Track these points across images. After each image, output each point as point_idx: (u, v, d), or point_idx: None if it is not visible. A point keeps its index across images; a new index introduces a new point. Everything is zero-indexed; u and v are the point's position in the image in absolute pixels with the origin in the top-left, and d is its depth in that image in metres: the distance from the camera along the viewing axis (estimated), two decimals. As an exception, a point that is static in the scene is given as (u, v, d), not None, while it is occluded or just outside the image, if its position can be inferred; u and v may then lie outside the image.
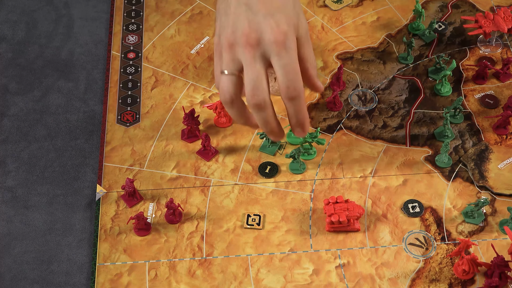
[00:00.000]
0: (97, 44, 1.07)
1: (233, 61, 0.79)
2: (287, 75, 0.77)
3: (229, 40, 0.78)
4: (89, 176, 0.92)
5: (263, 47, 0.77)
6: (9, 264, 0.84)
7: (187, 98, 0.99)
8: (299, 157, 0.90)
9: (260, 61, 0.77)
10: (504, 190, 0.89)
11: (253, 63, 0.77)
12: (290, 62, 0.77)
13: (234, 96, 0.79)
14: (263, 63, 0.77)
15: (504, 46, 1.05)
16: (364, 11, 1.10)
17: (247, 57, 0.77)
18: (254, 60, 0.77)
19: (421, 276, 0.82)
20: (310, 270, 0.83)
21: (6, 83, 1.02)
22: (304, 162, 0.92)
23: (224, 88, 0.79)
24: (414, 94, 0.99)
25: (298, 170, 0.90)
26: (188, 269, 0.83)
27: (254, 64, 0.77)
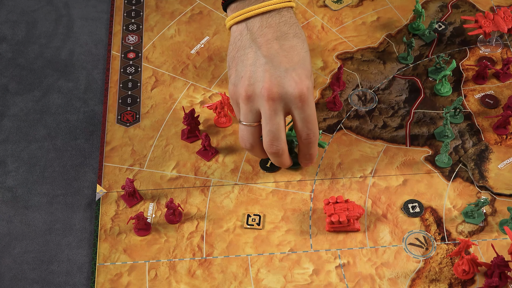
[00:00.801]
0: (97, 44, 1.07)
1: (251, 112, 0.81)
2: (307, 125, 0.81)
3: (247, 92, 0.79)
4: (89, 176, 0.92)
5: (285, 100, 0.79)
6: (9, 264, 0.84)
7: (187, 98, 0.99)
8: None
9: (281, 114, 0.80)
10: (504, 190, 0.89)
11: (273, 116, 0.79)
12: (311, 113, 0.81)
13: (253, 143, 0.83)
14: (283, 115, 0.81)
15: (504, 46, 1.05)
16: (364, 11, 1.10)
17: (267, 110, 0.79)
18: (274, 113, 0.79)
19: (421, 276, 0.82)
20: (310, 270, 0.83)
21: (6, 83, 1.02)
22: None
23: (244, 137, 0.83)
24: (414, 94, 0.99)
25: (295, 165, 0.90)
26: (188, 269, 0.83)
27: (274, 117, 0.80)
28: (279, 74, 0.79)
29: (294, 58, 0.80)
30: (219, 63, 1.03)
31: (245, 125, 0.82)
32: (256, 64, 0.80)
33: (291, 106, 0.80)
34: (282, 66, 0.79)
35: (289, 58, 0.80)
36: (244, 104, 0.81)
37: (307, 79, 0.80)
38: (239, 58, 0.82)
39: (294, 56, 0.80)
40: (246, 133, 0.83)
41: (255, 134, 0.83)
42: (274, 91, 0.78)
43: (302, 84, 0.79)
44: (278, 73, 0.79)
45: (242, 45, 0.82)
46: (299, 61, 0.80)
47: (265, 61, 0.79)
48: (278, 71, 0.79)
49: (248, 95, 0.80)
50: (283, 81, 0.79)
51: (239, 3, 0.83)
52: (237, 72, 0.82)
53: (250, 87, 0.79)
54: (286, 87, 0.79)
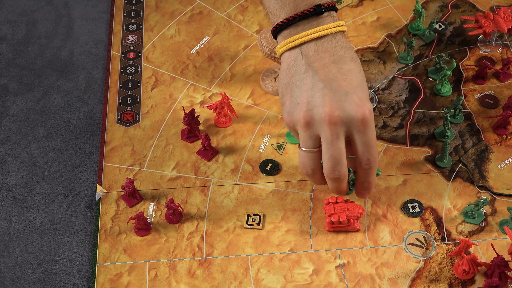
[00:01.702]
0: (97, 44, 1.07)
1: (311, 139, 0.79)
2: (368, 150, 0.79)
3: (306, 118, 0.77)
4: (89, 176, 0.92)
5: (346, 124, 0.77)
6: (9, 264, 0.84)
7: (187, 98, 0.99)
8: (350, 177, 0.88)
9: (342, 138, 0.78)
10: (504, 190, 0.89)
11: (335, 140, 0.77)
12: (373, 137, 0.78)
13: (315, 169, 0.81)
14: (343, 139, 0.78)
15: (504, 46, 1.05)
16: (364, 11, 1.10)
17: (328, 135, 0.77)
18: (336, 138, 0.77)
19: (421, 276, 0.82)
20: (310, 270, 0.83)
21: (6, 83, 1.02)
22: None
23: (305, 164, 0.80)
24: (414, 94, 0.99)
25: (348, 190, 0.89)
26: (188, 269, 0.83)
27: (336, 141, 0.77)
28: (340, 98, 0.76)
29: (353, 81, 0.78)
30: (219, 63, 1.03)
31: (305, 151, 0.80)
32: (314, 89, 0.77)
33: (353, 130, 0.77)
34: (342, 89, 0.77)
35: (348, 82, 0.77)
36: (303, 131, 0.78)
37: (368, 102, 0.78)
38: (294, 84, 0.79)
39: (353, 80, 0.78)
40: (307, 160, 0.80)
41: (316, 160, 0.80)
42: (336, 115, 0.76)
43: (364, 106, 0.77)
44: (338, 96, 0.76)
45: (297, 70, 0.79)
46: (359, 84, 0.78)
47: (324, 85, 0.77)
48: (338, 94, 0.77)
49: (307, 121, 0.77)
50: (344, 104, 0.76)
51: (292, 29, 0.80)
52: (292, 99, 0.79)
53: (309, 113, 0.77)
54: (348, 111, 0.76)
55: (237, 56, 1.04)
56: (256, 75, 1.01)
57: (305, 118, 0.77)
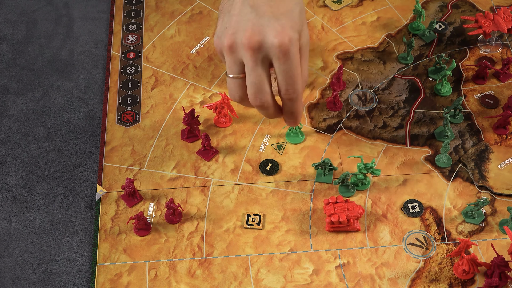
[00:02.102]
0: (97, 44, 1.07)
1: (236, 64, 0.78)
2: (287, 80, 0.77)
3: (230, 42, 0.77)
4: (89, 176, 0.92)
5: (266, 50, 0.76)
6: (9, 264, 0.85)
7: (187, 98, 0.99)
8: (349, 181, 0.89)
9: (262, 65, 0.77)
10: (504, 190, 0.89)
11: (255, 67, 0.76)
12: (292, 67, 0.76)
13: (242, 95, 0.79)
14: (266, 65, 0.77)
15: (504, 46, 1.05)
16: (364, 11, 1.10)
17: (248, 60, 0.76)
18: (256, 64, 0.76)
19: (421, 276, 0.82)
20: (310, 270, 0.83)
21: (6, 83, 1.02)
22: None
23: (232, 90, 0.80)
24: (414, 94, 0.99)
25: (349, 192, 0.89)
26: (188, 269, 0.83)
27: (256, 68, 0.76)
28: (262, 23, 0.76)
29: (280, 8, 0.76)
30: (219, 63, 1.03)
31: (231, 78, 0.79)
32: (241, 13, 0.77)
33: (272, 57, 0.76)
34: (266, 15, 0.76)
35: (275, 8, 0.77)
36: (228, 55, 0.78)
37: (291, 30, 0.75)
38: (226, 9, 0.80)
39: (280, 7, 0.77)
40: (233, 86, 0.80)
41: (243, 86, 0.79)
42: (255, 39, 0.75)
43: (284, 33, 0.75)
44: (261, 22, 0.76)
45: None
46: (286, 12, 0.77)
47: (250, 11, 0.77)
48: (262, 20, 0.76)
49: (230, 45, 0.77)
50: (265, 29, 0.75)
51: None
52: (223, 23, 0.79)
53: (232, 37, 0.77)
54: (267, 36, 0.75)
55: (237, 56, 1.04)
56: (256, 75, 1.01)
57: (228, 41, 0.77)
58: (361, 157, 0.88)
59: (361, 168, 0.88)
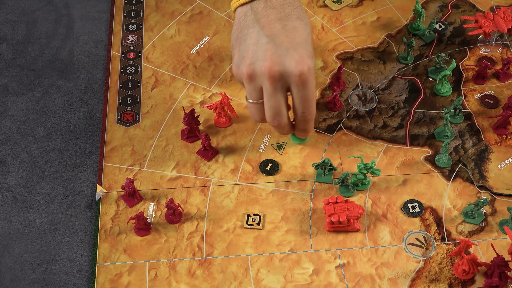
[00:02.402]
0: (97, 44, 1.07)
1: (256, 91, 0.84)
2: (304, 104, 0.84)
3: (249, 72, 0.82)
4: (89, 176, 0.92)
5: (285, 78, 0.81)
6: (9, 264, 0.84)
7: (187, 98, 0.99)
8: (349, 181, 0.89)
9: (281, 91, 0.83)
10: (504, 190, 0.89)
11: (274, 93, 0.82)
12: (309, 93, 0.83)
13: (262, 117, 0.87)
14: (284, 91, 0.83)
15: (504, 46, 1.05)
16: (364, 11, 1.10)
17: (268, 88, 0.82)
18: (275, 91, 0.82)
19: (421, 276, 0.82)
20: (310, 270, 0.83)
21: (6, 83, 1.02)
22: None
23: (253, 113, 0.87)
24: (414, 94, 0.99)
25: (349, 192, 0.89)
26: (188, 269, 0.83)
27: (275, 94, 0.82)
28: (281, 53, 0.81)
29: (296, 38, 0.82)
30: (219, 63, 1.03)
31: (251, 103, 0.85)
32: (258, 43, 0.82)
33: (291, 84, 0.82)
34: (284, 45, 0.81)
35: (291, 38, 0.82)
36: (247, 83, 0.83)
37: (308, 59, 0.81)
38: (242, 38, 0.84)
39: (296, 37, 0.82)
40: (254, 110, 0.86)
41: (262, 110, 0.85)
42: (275, 69, 0.80)
43: (303, 63, 0.80)
44: (280, 52, 0.81)
45: (245, 25, 0.84)
46: (301, 42, 0.82)
47: (267, 41, 0.81)
48: (280, 50, 0.81)
49: (249, 74, 0.82)
50: (284, 59, 0.80)
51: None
52: (240, 52, 0.84)
53: (252, 66, 0.82)
54: (287, 66, 0.80)
55: (237, 56, 1.04)
56: (256, 75, 1.01)
57: (247, 71, 0.82)
58: (361, 157, 0.88)
59: (361, 168, 0.88)
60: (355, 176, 0.89)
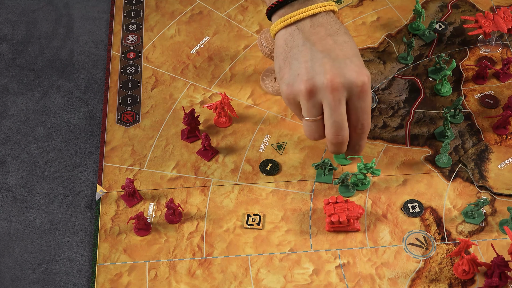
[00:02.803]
0: (97, 44, 1.07)
1: (315, 107, 0.81)
2: (363, 115, 0.82)
3: (309, 87, 0.80)
4: (89, 176, 0.92)
5: (347, 90, 0.80)
6: (9, 264, 0.84)
7: (187, 98, 0.99)
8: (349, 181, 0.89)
9: (344, 104, 0.81)
10: (504, 190, 0.89)
11: (337, 106, 0.80)
12: (368, 104, 0.82)
13: (322, 135, 0.84)
14: (344, 104, 0.81)
15: (504, 46, 1.05)
16: (364, 11, 1.10)
17: (331, 101, 0.80)
18: (339, 104, 0.80)
19: (421, 276, 0.82)
20: (310, 270, 0.83)
21: (6, 83, 1.02)
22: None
23: (312, 132, 0.84)
24: (414, 94, 0.99)
25: (349, 192, 0.89)
26: (188, 269, 0.83)
27: (338, 107, 0.80)
28: (339, 65, 0.80)
29: (349, 51, 0.82)
30: (219, 63, 1.03)
31: (310, 121, 0.83)
32: (313, 59, 0.81)
33: (353, 96, 0.81)
34: (340, 58, 0.81)
35: (344, 51, 0.82)
36: (306, 100, 0.81)
37: (365, 69, 0.81)
38: (292, 57, 0.83)
39: (348, 50, 0.82)
40: (313, 128, 0.83)
41: (321, 126, 0.83)
42: (337, 81, 0.79)
43: (363, 73, 0.80)
44: (338, 64, 0.80)
45: (295, 44, 0.83)
46: (354, 54, 0.82)
47: (323, 56, 0.81)
48: (337, 62, 0.81)
49: (309, 89, 0.80)
50: (345, 71, 0.80)
51: (287, 9, 0.85)
52: (291, 71, 0.82)
53: (310, 81, 0.80)
54: (348, 76, 0.80)
55: (237, 56, 1.04)
56: (256, 75, 1.01)
57: (306, 87, 0.80)
58: (361, 157, 0.88)
59: (361, 168, 0.88)
60: (355, 176, 0.89)
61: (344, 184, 0.89)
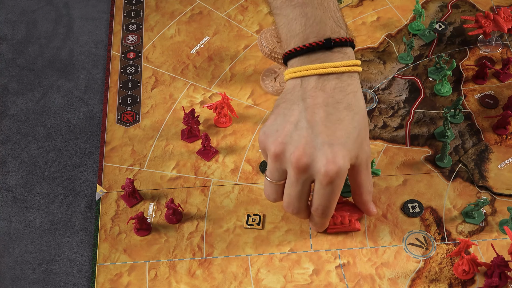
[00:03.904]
0: (97, 44, 1.07)
1: (278, 171, 0.78)
2: (322, 201, 0.78)
3: (278, 151, 0.76)
4: (89, 176, 0.92)
5: (311, 172, 0.75)
6: (9, 264, 0.84)
7: (187, 98, 0.99)
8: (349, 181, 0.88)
9: (303, 183, 0.77)
10: (504, 190, 0.89)
11: (295, 183, 0.77)
12: (331, 194, 0.77)
13: (277, 199, 0.81)
14: (308, 184, 0.77)
15: (504, 46, 1.05)
16: (364, 11, 1.10)
17: (292, 176, 0.76)
18: (297, 182, 0.76)
19: (421, 276, 0.82)
20: (310, 270, 0.83)
21: (6, 83, 1.02)
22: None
23: (267, 192, 0.81)
24: (414, 94, 0.99)
25: (349, 192, 0.88)
26: (188, 269, 0.83)
27: (297, 184, 0.77)
28: (315, 145, 0.74)
29: (336, 132, 0.74)
30: (219, 63, 1.03)
31: (270, 182, 0.79)
32: (297, 125, 0.75)
33: (316, 179, 0.76)
34: (321, 138, 0.74)
35: (331, 131, 0.74)
36: (272, 162, 0.77)
37: (342, 159, 0.74)
38: (283, 109, 0.77)
39: (337, 130, 0.74)
40: (270, 189, 0.80)
41: (279, 191, 0.80)
42: (303, 161, 0.74)
43: (334, 164, 0.73)
44: (314, 143, 0.74)
45: (291, 98, 0.77)
46: (341, 137, 0.74)
47: (307, 126, 0.75)
48: (315, 140, 0.74)
49: (277, 153, 0.76)
50: (316, 153, 0.74)
51: (300, 58, 0.77)
52: (275, 122, 0.77)
53: (281, 146, 0.75)
54: (316, 161, 0.74)
55: (237, 56, 1.04)
56: (256, 75, 1.01)
57: (275, 149, 0.76)
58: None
59: None
60: None
61: (344, 184, 0.88)
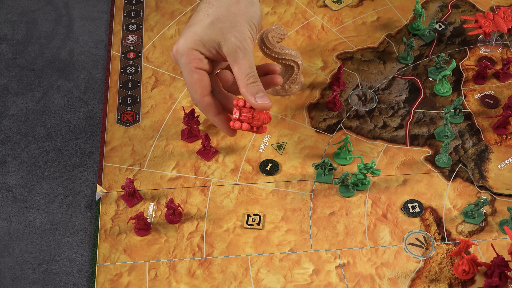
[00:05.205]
0: (97, 44, 1.07)
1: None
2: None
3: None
4: (89, 176, 0.92)
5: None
6: (9, 264, 0.85)
7: (187, 98, 0.99)
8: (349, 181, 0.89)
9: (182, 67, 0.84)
10: (504, 190, 0.89)
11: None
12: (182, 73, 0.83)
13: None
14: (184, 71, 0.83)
15: (504, 46, 1.05)
16: (364, 11, 1.10)
17: None
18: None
19: (421, 276, 0.82)
20: (310, 270, 0.83)
21: (6, 83, 1.02)
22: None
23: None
24: (414, 94, 0.99)
25: (349, 192, 0.89)
26: (188, 269, 0.83)
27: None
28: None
29: (193, 19, 0.83)
30: (219, 63, 1.03)
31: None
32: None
33: None
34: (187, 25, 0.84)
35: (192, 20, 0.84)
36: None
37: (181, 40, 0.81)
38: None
39: (194, 18, 0.84)
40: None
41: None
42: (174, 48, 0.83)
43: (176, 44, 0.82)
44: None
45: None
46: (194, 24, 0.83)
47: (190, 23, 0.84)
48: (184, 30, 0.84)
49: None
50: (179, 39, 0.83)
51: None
52: None
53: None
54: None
55: (237, 56, 1.04)
56: (256, 75, 1.01)
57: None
58: (361, 157, 0.88)
59: (361, 168, 0.88)
60: (355, 176, 0.89)
61: (344, 184, 0.89)
